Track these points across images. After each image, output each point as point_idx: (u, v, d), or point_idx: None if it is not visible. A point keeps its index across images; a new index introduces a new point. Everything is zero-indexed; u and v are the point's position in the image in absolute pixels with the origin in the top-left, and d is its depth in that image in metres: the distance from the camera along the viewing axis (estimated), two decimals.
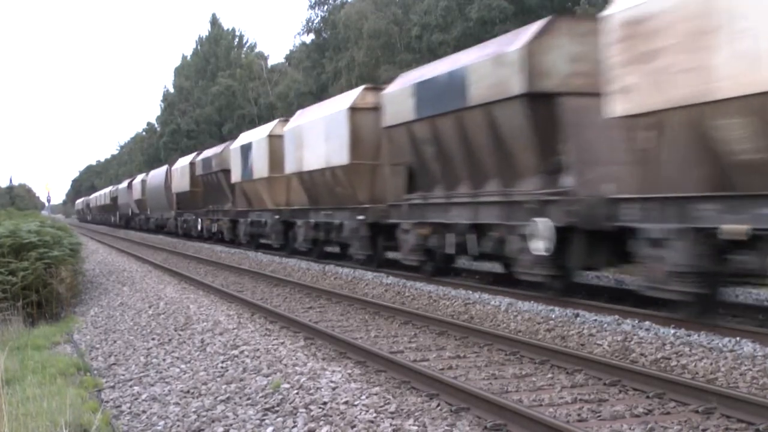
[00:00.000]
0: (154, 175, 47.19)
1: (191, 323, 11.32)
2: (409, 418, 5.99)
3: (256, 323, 11.43)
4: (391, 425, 5.79)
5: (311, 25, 49.28)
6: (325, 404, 6.42)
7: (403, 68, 27.88)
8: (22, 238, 14.77)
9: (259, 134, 26.36)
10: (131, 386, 8.06)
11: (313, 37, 49.98)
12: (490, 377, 7.68)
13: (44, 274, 14.36)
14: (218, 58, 72.12)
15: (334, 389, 6.85)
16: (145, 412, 7.04)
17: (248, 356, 8.60)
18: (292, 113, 26.51)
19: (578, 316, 10.47)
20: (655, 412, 6.37)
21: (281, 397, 6.80)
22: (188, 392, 7.47)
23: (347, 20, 42.39)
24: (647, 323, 9.64)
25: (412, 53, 37.60)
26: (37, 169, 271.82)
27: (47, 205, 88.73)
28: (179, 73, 79.03)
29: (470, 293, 13.06)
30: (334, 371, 7.58)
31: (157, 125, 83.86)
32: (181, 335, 10.56)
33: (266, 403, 6.72)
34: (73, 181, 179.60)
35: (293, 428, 5.97)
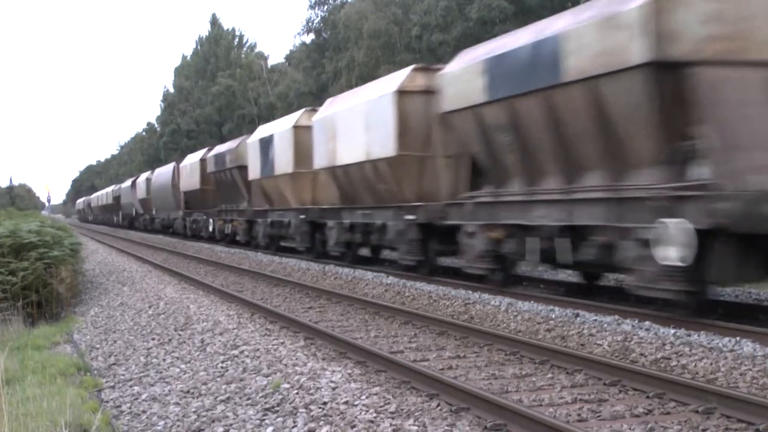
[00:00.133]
0: (160, 173, 44.97)
1: (191, 323, 11.32)
2: (409, 418, 5.99)
3: (256, 323, 11.43)
4: (391, 425, 5.79)
5: (311, 25, 49.34)
6: (325, 404, 6.42)
7: (402, 68, 26.71)
8: (22, 238, 14.78)
9: (281, 126, 24.10)
10: (131, 386, 8.07)
11: (313, 37, 50.05)
12: (490, 377, 7.68)
13: (44, 274, 14.38)
14: (218, 58, 72.16)
15: (334, 389, 6.85)
16: (145, 412, 7.04)
17: (248, 356, 8.60)
18: (291, 113, 26.10)
19: (578, 316, 10.47)
20: (655, 412, 6.37)
21: (281, 397, 6.80)
22: (188, 392, 7.48)
23: (347, 20, 42.41)
24: (647, 323, 9.64)
25: (412, 53, 37.60)
26: (37, 169, 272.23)
27: (47, 205, 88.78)
28: (179, 73, 79.09)
29: (470, 293, 13.06)
30: (334, 371, 7.58)
31: (157, 125, 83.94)
32: (181, 335, 10.56)
33: (266, 403, 6.73)
34: (73, 181, 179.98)
35: (293, 428, 5.98)
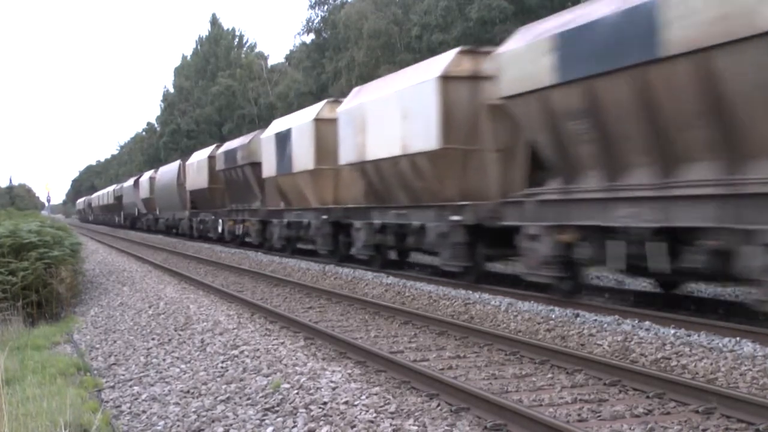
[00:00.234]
0: (164, 171, 43.35)
1: (191, 323, 11.32)
2: (409, 418, 5.99)
3: (256, 323, 11.43)
4: (391, 425, 5.79)
5: (311, 25, 49.34)
6: (325, 404, 6.42)
7: (403, 68, 22.98)
8: (22, 238, 14.78)
9: (300, 119, 22.28)
10: (131, 386, 8.07)
11: (313, 37, 50.04)
12: (490, 377, 7.68)
13: (44, 274, 14.38)
14: (218, 58, 72.19)
15: (334, 389, 6.85)
16: (145, 412, 7.04)
17: (248, 356, 8.60)
18: (291, 113, 25.91)
19: (578, 316, 10.47)
20: (655, 412, 6.37)
21: (281, 397, 6.80)
22: (188, 392, 7.48)
23: (347, 20, 42.42)
24: (647, 323, 9.65)
25: (412, 53, 37.58)
26: (37, 169, 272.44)
27: (47, 205, 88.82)
28: (179, 73, 79.12)
29: (470, 293, 13.06)
30: (334, 371, 7.58)
31: (157, 125, 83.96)
32: (181, 335, 10.56)
33: (266, 403, 6.73)
34: (73, 181, 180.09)
35: (293, 428, 5.98)
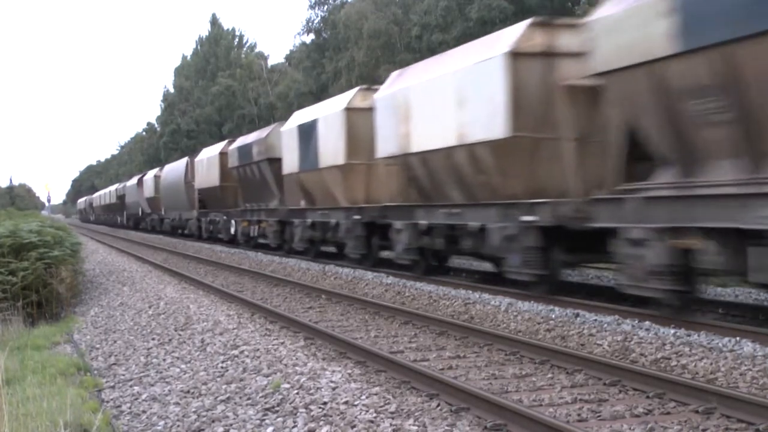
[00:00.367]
0: (170, 169, 41.57)
1: (191, 323, 11.32)
2: (409, 418, 5.99)
3: (256, 323, 11.43)
4: (391, 425, 5.79)
5: (311, 25, 49.32)
6: (325, 404, 6.42)
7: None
8: (22, 238, 14.79)
9: (328, 108, 20.41)
10: (131, 386, 8.07)
11: (313, 37, 50.01)
12: (490, 377, 7.69)
13: (44, 274, 14.38)
14: (218, 58, 72.17)
15: (334, 389, 6.85)
16: (145, 412, 7.04)
17: (248, 356, 8.60)
18: (292, 113, 25.68)
19: (578, 316, 10.47)
20: (655, 412, 6.37)
21: (281, 397, 6.80)
22: (188, 392, 7.48)
23: (347, 20, 42.42)
24: (647, 323, 9.64)
25: (412, 53, 37.57)
26: (37, 169, 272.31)
27: (47, 205, 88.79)
28: (179, 73, 79.11)
29: (470, 293, 13.06)
30: (334, 371, 7.58)
31: (157, 125, 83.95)
32: (181, 335, 10.56)
33: (266, 403, 6.73)
34: (73, 181, 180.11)
35: (293, 428, 5.98)
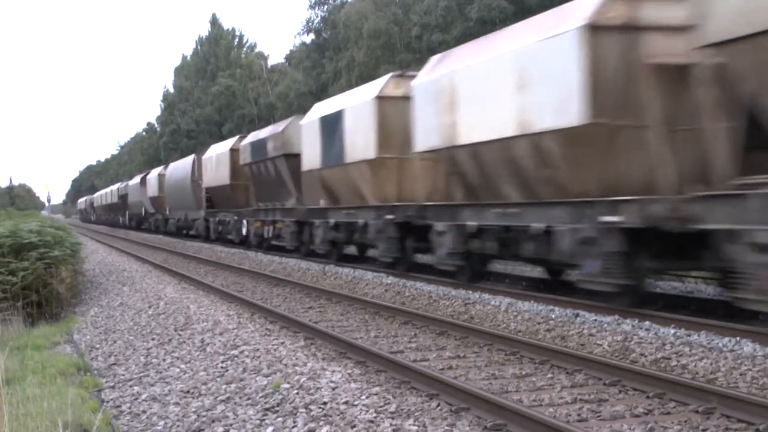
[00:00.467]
0: (176, 167, 39.78)
1: (191, 323, 11.32)
2: (409, 418, 5.99)
3: (256, 323, 11.43)
4: (391, 425, 5.79)
5: (311, 25, 49.34)
6: (325, 404, 6.42)
7: (403, 68, 21.39)
8: (22, 238, 14.78)
9: (356, 98, 18.49)
10: (131, 386, 8.07)
11: (313, 37, 50.04)
12: (490, 377, 7.68)
13: (44, 274, 14.37)
14: (218, 58, 72.18)
15: (334, 389, 6.85)
16: (145, 412, 7.04)
17: (248, 356, 8.60)
18: (291, 113, 25.53)
19: (578, 316, 10.47)
20: (655, 412, 6.37)
21: (281, 397, 6.80)
22: (188, 392, 7.48)
23: (347, 20, 42.43)
24: (647, 323, 9.64)
25: (412, 53, 37.59)
26: (37, 169, 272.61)
27: (47, 205, 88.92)
28: (179, 73, 79.10)
29: (470, 293, 13.06)
30: (334, 371, 7.58)
31: (157, 125, 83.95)
32: (181, 335, 10.56)
33: (266, 403, 6.73)
34: (73, 181, 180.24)
35: (293, 428, 5.98)
